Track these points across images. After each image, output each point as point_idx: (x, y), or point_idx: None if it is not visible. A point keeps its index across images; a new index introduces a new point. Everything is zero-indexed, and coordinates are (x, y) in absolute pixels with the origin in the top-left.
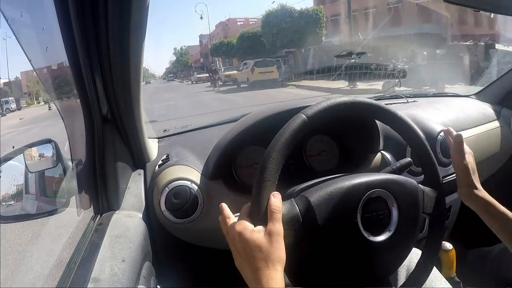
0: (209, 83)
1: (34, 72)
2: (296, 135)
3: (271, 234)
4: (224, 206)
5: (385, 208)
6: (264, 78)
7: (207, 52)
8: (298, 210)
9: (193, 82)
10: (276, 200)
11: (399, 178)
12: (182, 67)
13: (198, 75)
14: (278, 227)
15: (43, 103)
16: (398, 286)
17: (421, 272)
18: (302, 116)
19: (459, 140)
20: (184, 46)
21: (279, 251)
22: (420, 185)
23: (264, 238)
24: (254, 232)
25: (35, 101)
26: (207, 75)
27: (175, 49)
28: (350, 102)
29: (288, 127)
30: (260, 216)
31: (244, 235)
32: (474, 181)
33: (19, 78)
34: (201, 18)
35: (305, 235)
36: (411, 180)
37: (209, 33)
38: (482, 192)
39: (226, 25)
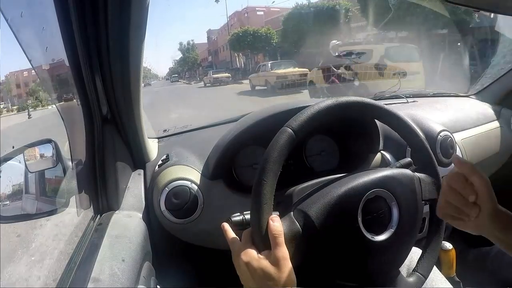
0: (222, 85)
1: (10, 76)
2: (284, 151)
3: (278, 259)
4: (226, 227)
5: (384, 206)
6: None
7: (217, 49)
8: (298, 226)
9: (207, 84)
10: (276, 224)
11: (393, 172)
12: (189, 65)
13: (215, 75)
14: (283, 251)
15: (15, 111)
16: (399, 285)
17: (423, 268)
18: (288, 131)
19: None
20: (191, 40)
21: (289, 275)
22: (415, 173)
23: (272, 265)
24: (261, 260)
25: (11, 109)
26: (227, 75)
27: (180, 44)
28: (334, 105)
29: (275, 144)
30: (262, 242)
31: (252, 265)
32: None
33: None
34: (217, 1)
35: (308, 249)
36: (406, 171)
37: (225, 21)
38: (502, 208)
39: (243, 14)
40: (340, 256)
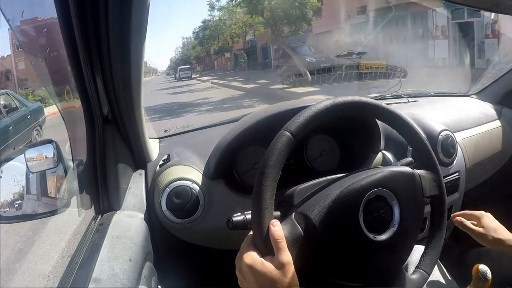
0: None
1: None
2: (283, 155)
3: (282, 264)
4: None
5: (385, 205)
6: None
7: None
8: (300, 230)
9: None
10: (276, 229)
11: (393, 170)
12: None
13: None
14: (286, 256)
15: None
16: (402, 283)
17: (426, 265)
18: (286, 134)
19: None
20: None
21: (293, 279)
22: (415, 170)
23: (276, 270)
24: (265, 264)
25: None
26: None
27: None
28: (332, 106)
29: (273, 148)
30: (264, 246)
31: (256, 268)
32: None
33: None
34: None
35: (311, 251)
36: (406, 168)
37: None
38: None
39: None
40: (342, 257)
